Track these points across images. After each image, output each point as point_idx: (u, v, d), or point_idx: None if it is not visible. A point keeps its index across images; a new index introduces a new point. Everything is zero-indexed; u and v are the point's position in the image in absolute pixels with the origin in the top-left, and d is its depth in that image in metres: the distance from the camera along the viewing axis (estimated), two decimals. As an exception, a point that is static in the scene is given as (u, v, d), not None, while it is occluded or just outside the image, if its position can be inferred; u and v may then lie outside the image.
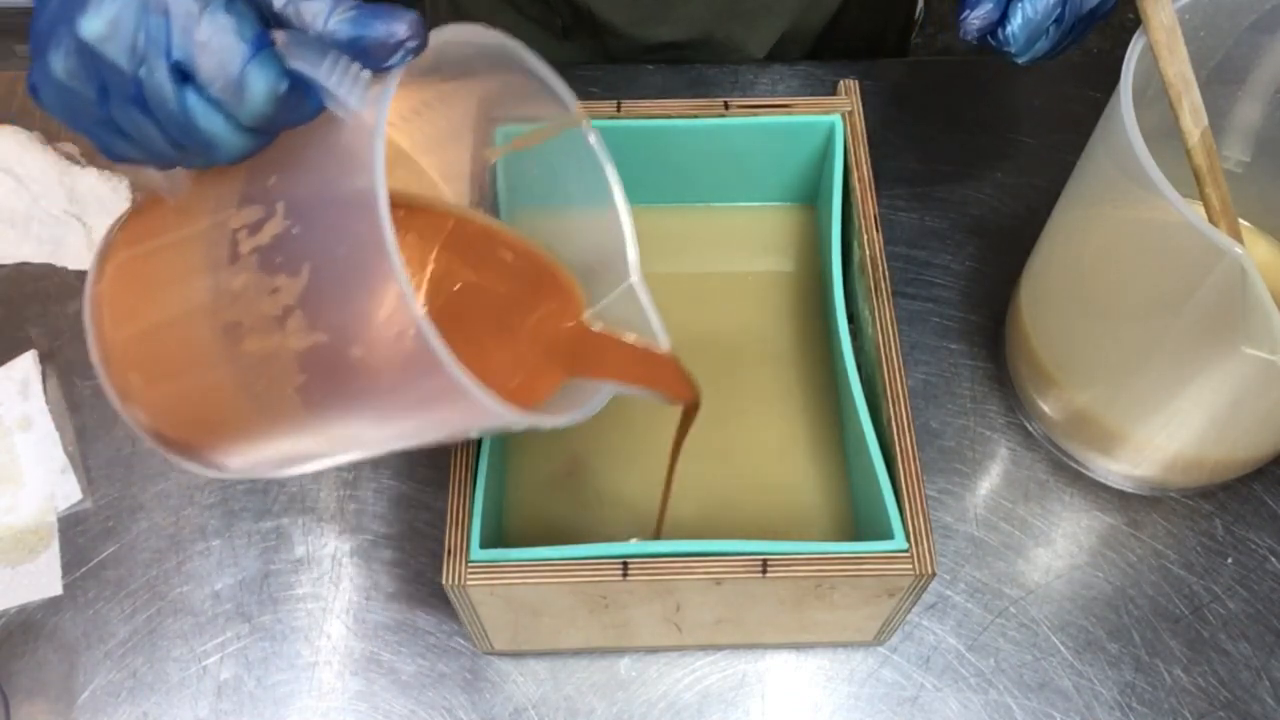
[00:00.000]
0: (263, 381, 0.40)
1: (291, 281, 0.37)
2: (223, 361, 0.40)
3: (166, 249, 0.42)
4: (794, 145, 0.65)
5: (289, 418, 0.41)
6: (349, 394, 0.39)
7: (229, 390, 0.41)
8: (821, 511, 0.59)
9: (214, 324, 0.40)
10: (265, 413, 0.41)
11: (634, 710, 0.58)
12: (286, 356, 0.38)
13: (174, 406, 0.44)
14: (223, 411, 0.43)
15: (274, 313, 0.38)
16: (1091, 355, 0.59)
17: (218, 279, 0.39)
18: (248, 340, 0.39)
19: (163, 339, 0.43)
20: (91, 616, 0.60)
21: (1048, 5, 0.53)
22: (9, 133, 0.72)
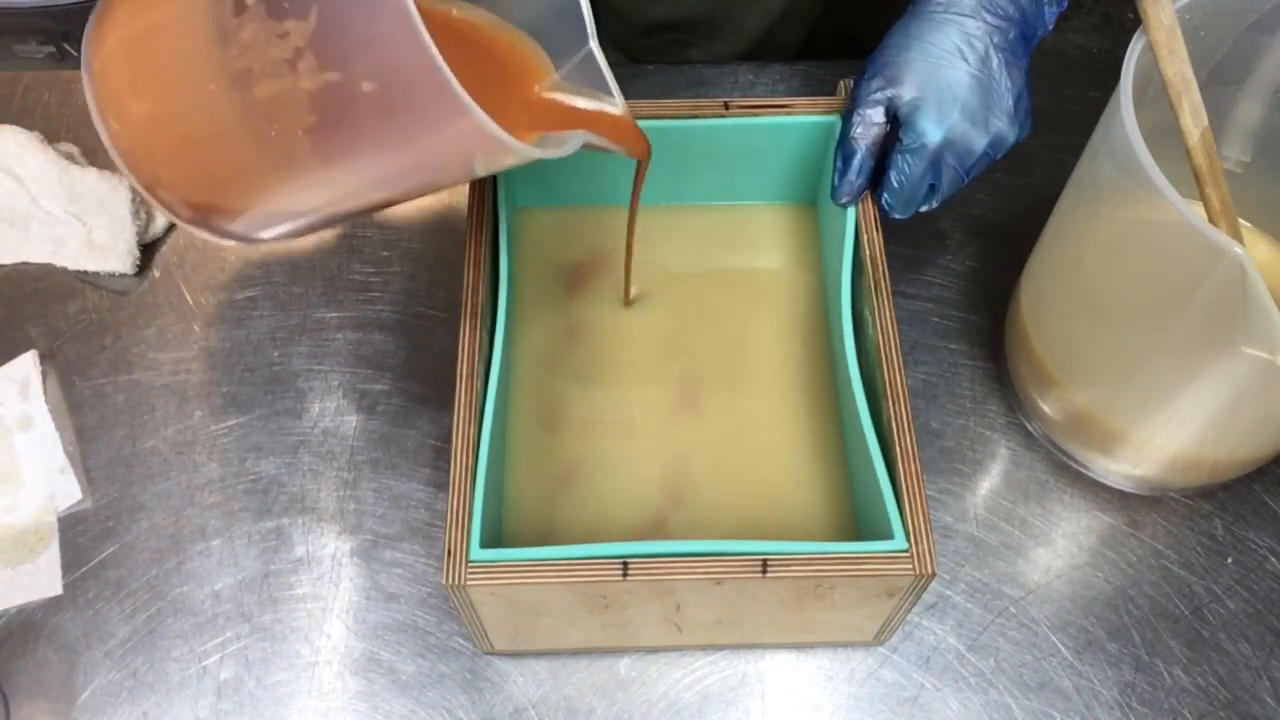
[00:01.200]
0: (275, 126, 0.42)
1: (301, 24, 0.39)
2: (235, 111, 0.43)
3: (168, 16, 0.44)
4: (794, 145, 0.65)
5: (298, 161, 0.43)
6: (358, 129, 0.42)
7: (241, 140, 0.44)
8: (821, 511, 0.59)
9: (224, 76, 0.42)
10: (276, 159, 0.44)
11: (634, 710, 0.58)
12: (298, 98, 0.41)
13: (188, 166, 0.47)
14: (235, 164, 0.45)
15: (284, 56, 0.40)
16: (1091, 355, 0.59)
17: (225, 32, 0.41)
18: (259, 86, 0.41)
19: (175, 100, 0.45)
20: (91, 616, 0.60)
21: (915, 178, 0.57)
22: (9, 133, 0.72)
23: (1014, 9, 0.57)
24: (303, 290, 0.71)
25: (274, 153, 0.44)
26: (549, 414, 0.62)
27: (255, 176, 0.46)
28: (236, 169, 0.46)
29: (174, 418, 0.66)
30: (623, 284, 0.66)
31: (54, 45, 1.62)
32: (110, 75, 0.46)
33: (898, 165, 0.57)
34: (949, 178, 0.58)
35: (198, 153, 0.46)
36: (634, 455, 0.61)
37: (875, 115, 0.57)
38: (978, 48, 0.56)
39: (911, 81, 0.56)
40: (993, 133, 0.57)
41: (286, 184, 0.46)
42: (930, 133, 0.56)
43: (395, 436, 0.65)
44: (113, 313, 0.70)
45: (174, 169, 0.47)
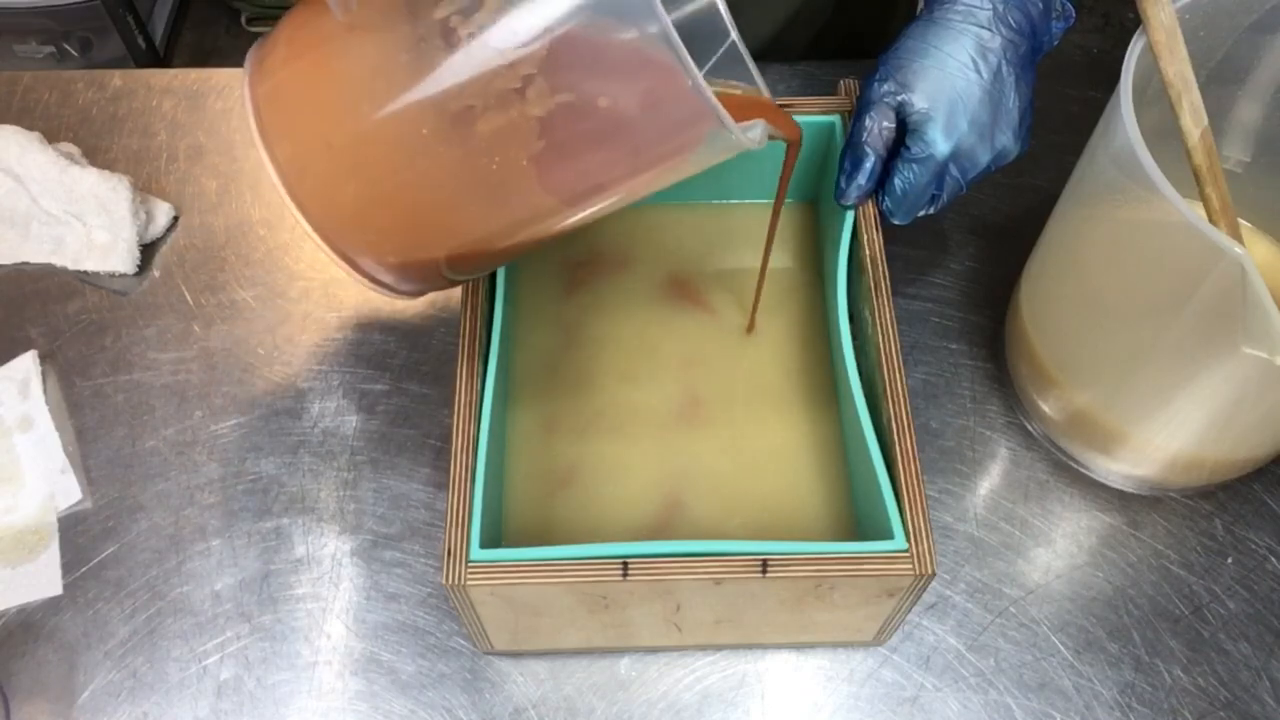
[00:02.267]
0: (497, 159, 0.42)
1: (530, 50, 0.39)
2: (453, 152, 0.42)
3: (357, 60, 0.43)
4: (794, 145, 0.65)
5: (518, 191, 0.43)
6: (588, 146, 0.42)
7: (458, 182, 0.43)
8: (821, 511, 0.59)
9: (440, 118, 0.41)
10: (495, 193, 0.43)
11: (634, 710, 0.58)
12: (526, 125, 0.40)
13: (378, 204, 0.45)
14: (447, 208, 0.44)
15: (512, 85, 0.39)
16: (1091, 355, 0.59)
17: (436, 68, 0.41)
18: (481, 121, 0.41)
19: (382, 157, 0.44)
20: (91, 616, 0.60)
21: (919, 187, 0.58)
22: (9, 133, 0.72)
23: (1027, 23, 0.56)
24: (302, 290, 0.71)
25: (493, 187, 0.43)
26: (549, 414, 0.62)
27: (468, 218, 0.45)
28: (448, 209, 0.45)
29: (174, 418, 0.66)
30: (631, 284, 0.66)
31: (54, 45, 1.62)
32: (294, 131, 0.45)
33: (903, 174, 0.57)
34: (950, 188, 0.58)
35: (406, 200, 0.45)
36: (633, 455, 0.61)
37: (886, 119, 0.57)
38: (991, 61, 0.56)
39: (924, 89, 0.56)
40: (998, 148, 0.57)
41: (499, 219, 0.45)
42: (939, 144, 0.56)
43: (395, 436, 0.65)
44: (113, 313, 0.70)
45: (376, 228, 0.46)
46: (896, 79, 0.57)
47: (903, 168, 0.57)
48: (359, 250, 0.47)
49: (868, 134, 0.57)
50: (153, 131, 0.77)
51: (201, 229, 0.73)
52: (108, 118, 0.78)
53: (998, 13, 0.56)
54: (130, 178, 0.72)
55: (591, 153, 0.42)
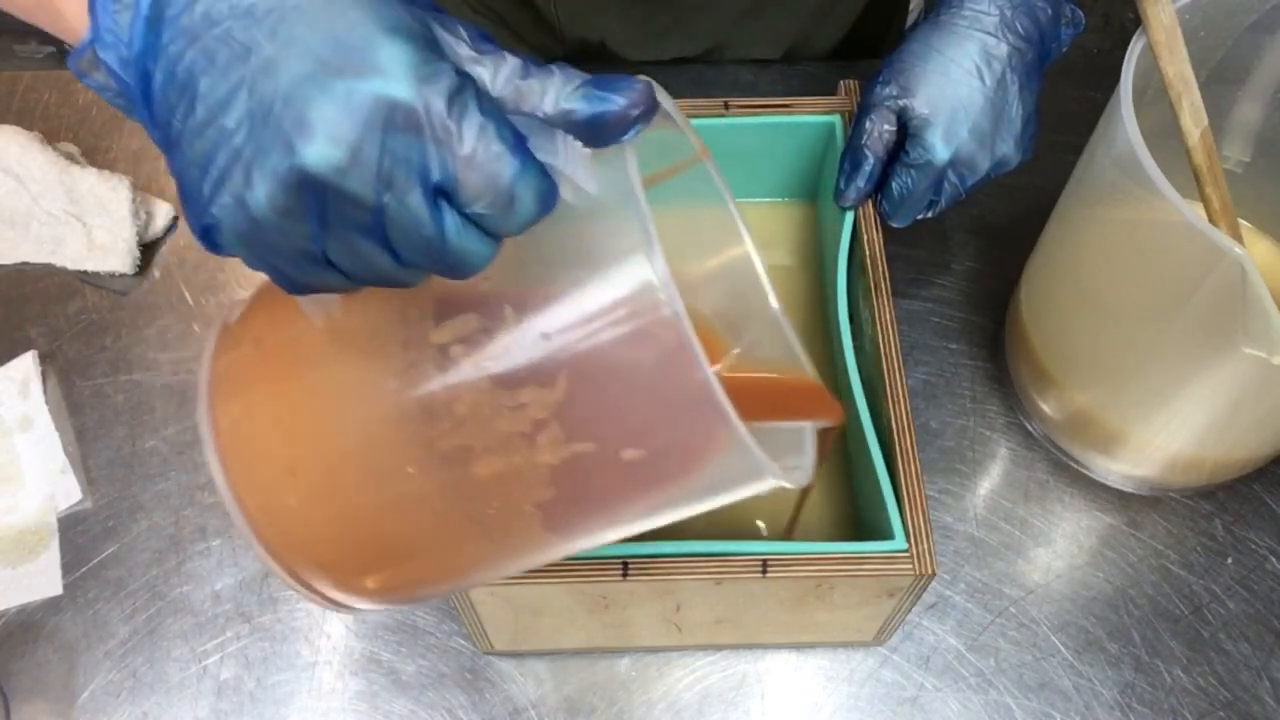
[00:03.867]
0: (495, 504, 0.36)
1: (543, 393, 0.33)
2: (443, 493, 0.36)
3: (335, 377, 0.37)
4: (794, 145, 0.65)
5: (518, 536, 0.37)
6: (608, 497, 0.36)
7: (446, 523, 0.37)
8: (822, 511, 0.59)
9: (429, 455, 0.35)
10: (485, 534, 0.37)
11: (634, 710, 0.58)
12: (534, 473, 0.35)
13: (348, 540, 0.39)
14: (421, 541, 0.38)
15: (519, 429, 0.34)
16: (1091, 355, 0.59)
17: (431, 406, 0.35)
18: (479, 464, 0.35)
19: (354, 486, 0.38)
20: (91, 616, 0.60)
21: (917, 192, 0.57)
22: (9, 133, 0.72)
23: (1034, 29, 0.56)
24: (303, 290, 0.71)
25: (490, 531, 0.37)
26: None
27: (454, 553, 0.39)
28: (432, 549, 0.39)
29: (174, 418, 0.66)
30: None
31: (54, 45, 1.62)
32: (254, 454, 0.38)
33: (901, 178, 0.57)
34: (949, 193, 0.58)
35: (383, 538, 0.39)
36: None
37: (886, 123, 0.57)
38: (995, 68, 0.55)
39: (925, 94, 0.56)
40: (998, 155, 0.57)
41: (491, 558, 0.39)
42: (938, 150, 0.56)
43: (395, 436, 0.65)
44: (113, 313, 0.70)
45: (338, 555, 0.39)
46: (899, 82, 0.57)
47: (901, 172, 0.57)
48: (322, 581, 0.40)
49: (868, 136, 0.57)
50: (153, 131, 0.77)
51: (201, 229, 0.73)
52: (108, 118, 0.78)
53: (1005, 19, 0.56)
54: (130, 178, 0.72)
55: (612, 499, 0.37)
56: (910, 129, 0.56)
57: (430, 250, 0.31)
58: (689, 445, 0.35)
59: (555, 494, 0.35)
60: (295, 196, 0.30)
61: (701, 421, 0.33)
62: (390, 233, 0.31)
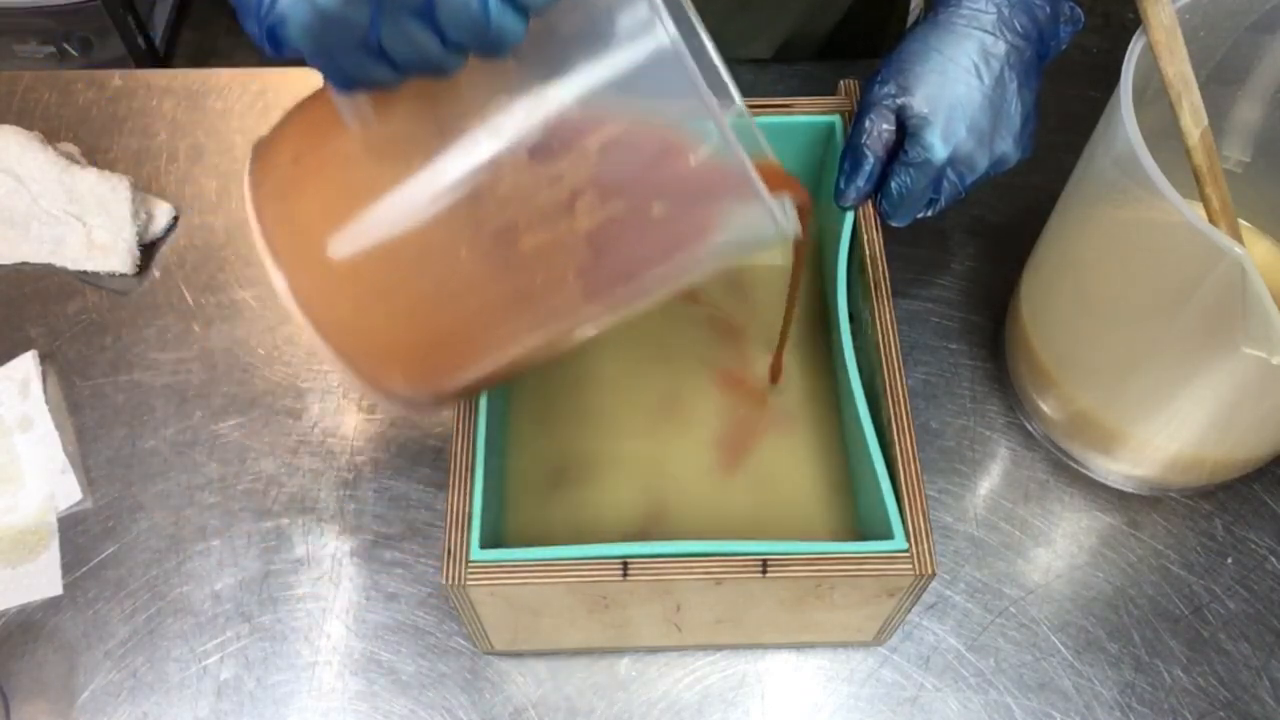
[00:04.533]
0: (541, 275, 0.39)
1: (578, 161, 0.37)
2: (494, 271, 0.39)
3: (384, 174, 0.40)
4: (794, 145, 0.65)
5: (561, 306, 0.41)
6: (639, 252, 0.40)
7: (498, 300, 0.40)
8: (821, 511, 0.59)
9: (480, 237, 0.38)
10: (537, 310, 0.41)
11: (634, 710, 0.58)
12: (573, 241, 0.38)
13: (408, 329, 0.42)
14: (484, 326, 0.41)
15: (559, 198, 0.37)
16: (1091, 355, 0.59)
17: (475, 187, 0.38)
18: (524, 238, 0.38)
19: (412, 275, 0.40)
20: (91, 616, 0.60)
21: (916, 191, 0.57)
22: (9, 133, 0.72)
23: (1033, 27, 0.56)
24: (303, 290, 0.71)
25: (536, 304, 0.40)
26: (547, 412, 0.62)
27: (500, 331, 0.42)
28: (482, 328, 0.42)
29: (174, 418, 0.66)
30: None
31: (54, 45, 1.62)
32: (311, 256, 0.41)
33: (900, 177, 0.57)
34: (948, 192, 0.57)
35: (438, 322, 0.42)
36: (632, 454, 0.61)
37: (885, 122, 0.57)
38: (994, 66, 0.55)
39: (924, 93, 0.56)
40: (997, 154, 0.57)
41: (536, 332, 0.42)
42: (936, 149, 0.55)
43: (395, 436, 0.65)
44: (113, 313, 0.70)
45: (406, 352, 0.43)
46: (897, 81, 0.57)
47: (900, 171, 0.57)
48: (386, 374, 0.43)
49: (867, 136, 0.57)
50: (153, 131, 0.77)
51: (201, 229, 0.73)
52: (108, 118, 0.78)
53: (1003, 17, 0.56)
54: (130, 178, 0.72)
55: (642, 257, 0.40)
56: (909, 128, 0.56)
57: (474, 26, 0.34)
58: (707, 188, 0.38)
59: (594, 260, 0.39)
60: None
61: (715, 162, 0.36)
62: (439, 12, 0.34)
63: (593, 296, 0.41)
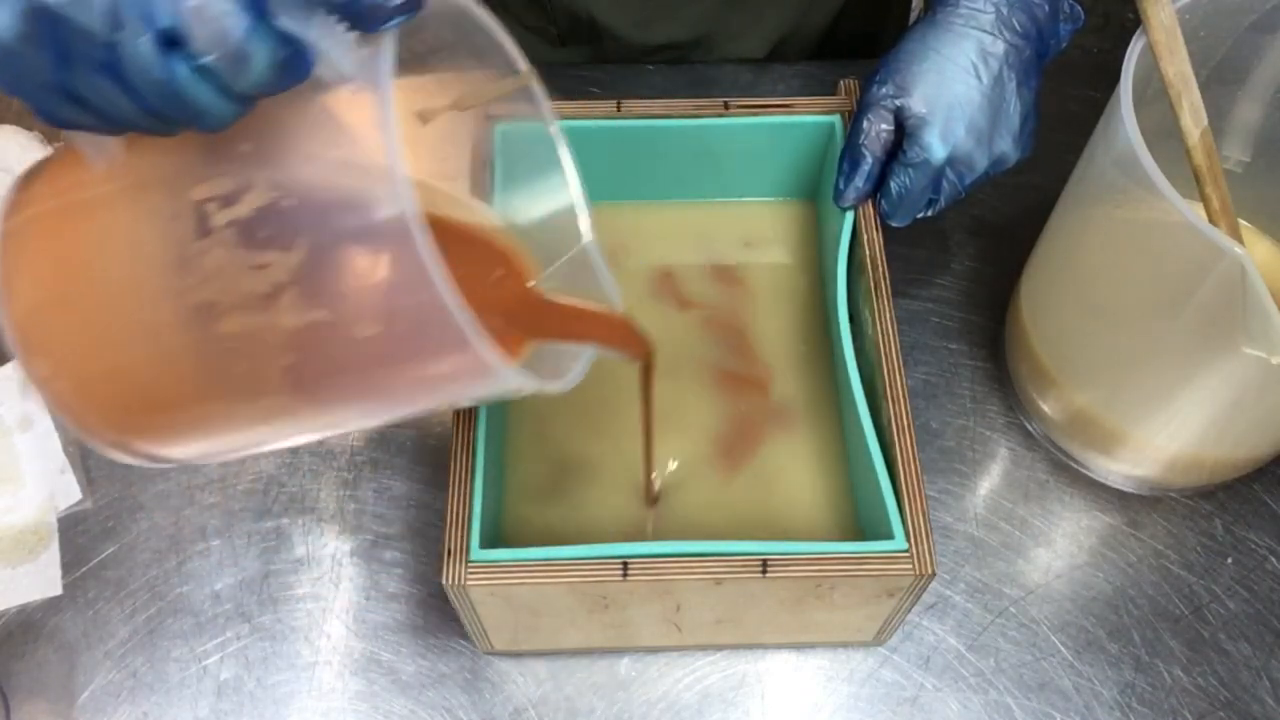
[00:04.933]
0: (244, 363, 0.38)
1: (284, 256, 0.35)
2: (190, 343, 0.38)
3: (105, 223, 0.39)
4: (794, 145, 0.65)
5: (271, 398, 0.39)
6: (349, 369, 0.38)
7: (193, 373, 0.39)
8: (821, 511, 0.59)
9: (179, 304, 0.37)
10: (240, 395, 0.39)
11: (634, 710, 0.58)
12: (276, 335, 0.36)
13: (112, 389, 0.41)
14: (182, 395, 0.40)
15: (262, 290, 0.36)
16: (1091, 355, 0.59)
17: (183, 256, 0.36)
18: (225, 320, 0.37)
19: (106, 318, 0.39)
20: (91, 616, 0.60)
21: (915, 191, 0.57)
22: (9, 133, 0.72)
23: (1032, 26, 0.56)
24: (303, 290, 0.71)
25: (240, 389, 0.39)
26: (547, 412, 0.62)
27: (216, 410, 0.40)
28: (193, 402, 0.40)
29: (174, 418, 0.66)
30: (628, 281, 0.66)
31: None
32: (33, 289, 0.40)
33: (899, 177, 0.57)
34: (948, 191, 0.58)
35: (142, 385, 0.40)
36: (633, 454, 0.61)
37: (884, 122, 0.57)
38: (992, 66, 0.56)
39: (921, 93, 0.56)
40: (996, 153, 0.57)
41: (253, 420, 0.41)
42: (935, 149, 0.56)
43: (395, 436, 0.65)
44: (113, 313, 0.70)
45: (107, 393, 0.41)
46: (895, 81, 0.57)
47: (899, 171, 0.57)
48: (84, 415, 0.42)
49: (865, 136, 0.57)
50: (153, 131, 0.77)
51: (201, 229, 0.73)
52: (108, 118, 0.77)
53: (1001, 16, 0.56)
54: (130, 178, 0.72)
55: (354, 376, 0.38)
56: (907, 128, 0.57)
57: (165, 96, 0.33)
58: (421, 332, 0.36)
59: (300, 358, 0.37)
60: (33, 24, 0.31)
61: (430, 310, 0.34)
62: (125, 74, 0.32)
63: (305, 398, 0.39)
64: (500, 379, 0.37)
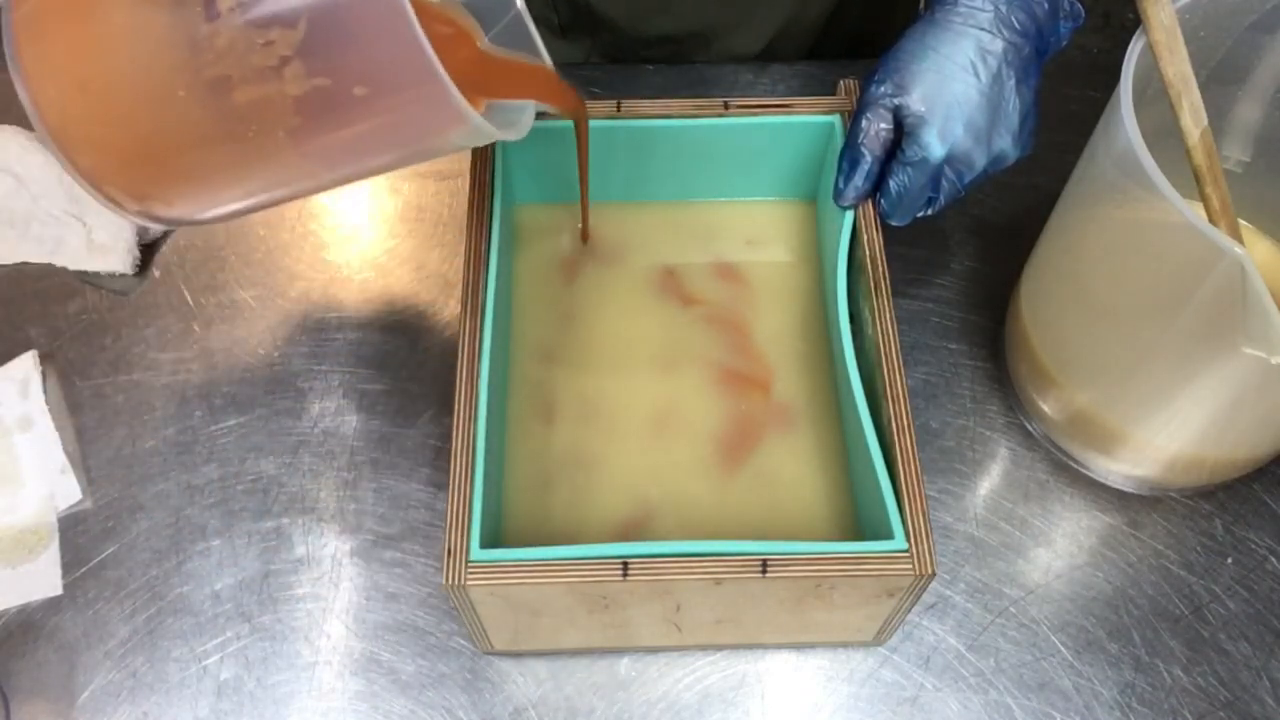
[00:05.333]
0: (253, 127, 0.42)
1: (288, 33, 0.39)
2: (209, 116, 0.42)
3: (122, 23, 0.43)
4: (794, 145, 0.65)
5: (275, 158, 0.44)
6: (345, 128, 0.42)
7: (213, 142, 0.43)
8: (822, 511, 0.59)
9: (196, 82, 0.41)
10: (251, 157, 0.44)
11: (634, 710, 0.58)
12: (282, 102, 0.41)
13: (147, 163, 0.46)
14: (205, 162, 0.45)
15: (268, 63, 0.40)
16: (1091, 355, 0.59)
17: (195, 39, 0.40)
18: (238, 92, 0.41)
19: (135, 105, 0.44)
20: (91, 616, 0.60)
21: (915, 190, 0.57)
22: (9, 133, 0.72)
23: (1031, 24, 0.56)
24: (302, 290, 0.71)
25: (250, 151, 0.44)
26: (547, 411, 0.62)
27: (227, 172, 0.46)
28: (206, 166, 0.45)
29: (174, 418, 0.66)
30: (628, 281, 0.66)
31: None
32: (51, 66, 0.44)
33: (898, 176, 0.57)
34: (947, 190, 0.58)
35: (161, 152, 0.45)
36: (632, 453, 0.61)
37: (883, 121, 0.57)
38: (991, 64, 0.55)
39: (920, 92, 0.56)
40: (995, 152, 0.57)
41: (260, 178, 0.46)
42: (933, 148, 0.56)
43: (395, 436, 0.65)
44: (113, 313, 0.70)
45: (129, 164, 0.46)
46: (894, 80, 0.57)
47: (898, 170, 0.57)
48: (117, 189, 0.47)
49: (864, 135, 0.57)
50: (153, 131, 0.77)
51: (201, 229, 0.73)
52: (108, 118, 0.78)
53: (1000, 14, 0.56)
54: (130, 178, 0.72)
55: (349, 132, 0.43)
56: (906, 127, 0.57)
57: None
58: (403, 82, 0.41)
59: (303, 122, 0.42)
60: None
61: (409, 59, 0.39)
62: None
63: (307, 155, 0.44)
64: (469, 124, 0.42)
